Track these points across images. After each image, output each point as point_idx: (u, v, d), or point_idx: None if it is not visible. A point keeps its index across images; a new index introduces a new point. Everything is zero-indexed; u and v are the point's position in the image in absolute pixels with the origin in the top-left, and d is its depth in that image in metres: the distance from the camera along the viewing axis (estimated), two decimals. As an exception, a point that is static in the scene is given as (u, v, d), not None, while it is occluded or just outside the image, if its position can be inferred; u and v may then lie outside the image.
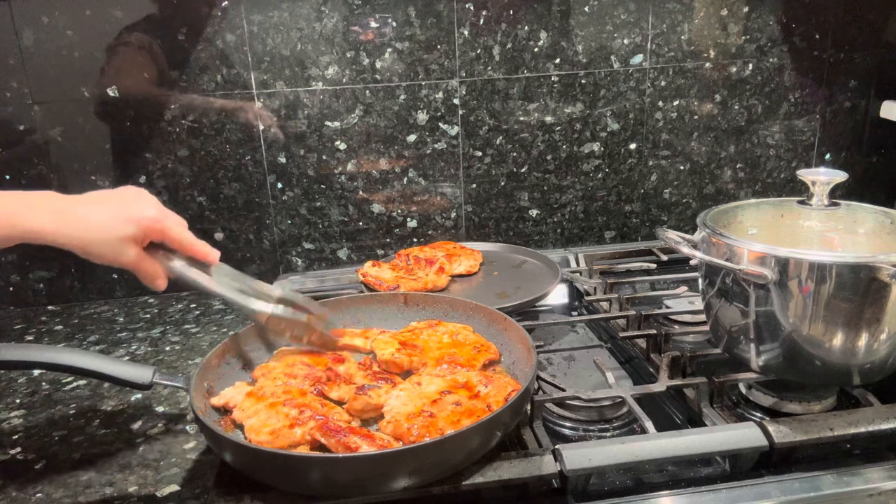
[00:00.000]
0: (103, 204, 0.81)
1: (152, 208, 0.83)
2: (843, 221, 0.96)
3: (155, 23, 1.32)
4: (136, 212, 0.81)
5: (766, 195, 1.61)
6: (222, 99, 1.37)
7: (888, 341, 0.84)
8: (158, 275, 0.84)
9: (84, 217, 0.78)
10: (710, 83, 1.52)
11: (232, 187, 1.43)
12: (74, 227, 0.77)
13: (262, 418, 0.80)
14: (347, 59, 1.39)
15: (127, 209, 0.81)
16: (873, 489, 0.81)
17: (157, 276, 0.84)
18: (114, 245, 0.79)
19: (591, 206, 1.56)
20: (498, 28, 1.41)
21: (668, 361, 0.99)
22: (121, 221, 0.79)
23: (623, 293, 1.28)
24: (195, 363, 1.13)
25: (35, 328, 1.32)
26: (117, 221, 0.79)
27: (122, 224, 0.79)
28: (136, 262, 0.81)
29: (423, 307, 1.08)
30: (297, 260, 1.50)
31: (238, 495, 0.76)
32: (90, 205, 0.80)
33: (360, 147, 1.45)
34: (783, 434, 0.82)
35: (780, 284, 0.84)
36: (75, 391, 1.07)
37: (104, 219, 0.79)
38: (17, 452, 0.91)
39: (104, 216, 0.79)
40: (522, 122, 1.48)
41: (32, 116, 1.33)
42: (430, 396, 0.85)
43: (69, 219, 0.77)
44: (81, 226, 0.78)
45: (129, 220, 0.80)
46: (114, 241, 0.79)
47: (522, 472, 0.77)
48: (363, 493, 0.75)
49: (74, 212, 0.78)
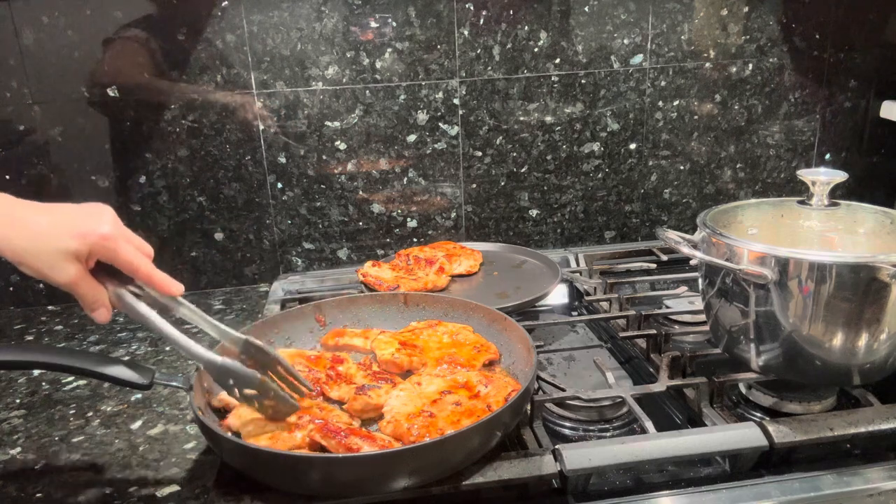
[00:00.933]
0: (54, 214, 0.72)
1: (107, 225, 0.72)
2: (843, 221, 0.96)
3: (155, 23, 1.32)
4: (87, 226, 0.71)
5: (766, 195, 1.61)
6: (222, 99, 1.37)
7: (888, 341, 0.84)
8: (101, 302, 0.74)
9: (25, 223, 0.70)
10: (710, 83, 1.52)
11: (232, 187, 1.43)
12: (12, 231, 0.69)
13: (259, 424, 0.80)
14: (347, 59, 1.39)
15: (77, 222, 0.71)
16: (873, 489, 0.81)
17: (98, 301, 0.74)
18: (51, 257, 0.70)
19: (591, 206, 1.56)
20: (498, 28, 1.41)
21: (668, 361, 0.99)
22: (64, 233, 0.70)
23: (623, 293, 1.28)
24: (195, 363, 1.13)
25: (35, 328, 1.32)
26: (61, 233, 0.70)
27: (66, 237, 0.70)
28: (73, 282, 0.72)
29: (423, 307, 1.08)
30: (297, 260, 1.50)
31: (238, 495, 0.76)
32: (39, 213, 0.71)
33: (360, 147, 1.45)
34: (783, 434, 0.82)
35: (780, 284, 0.84)
36: (75, 391, 1.07)
37: (47, 228, 0.70)
38: (17, 452, 0.91)
39: (48, 225, 0.70)
40: (522, 122, 1.48)
41: (32, 116, 1.33)
42: (430, 396, 0.85)
43: (10, 222, 0.70)
44: (20, 231, 0.69)
45: (75, 234, 0.70)
46: (52, 253, 0.70)
47: (522, 472, 0.77)
48: (363, 493, 0.75)
49: (18, 216, 0.70)
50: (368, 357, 1.00)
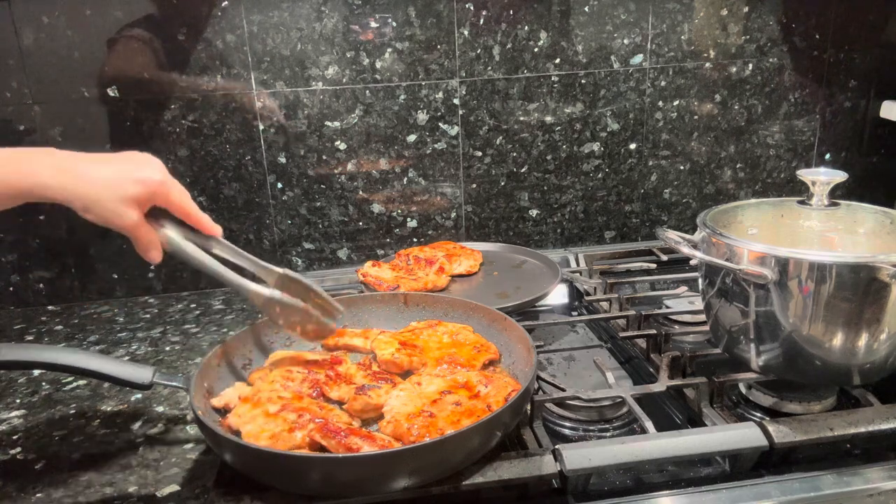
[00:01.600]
0: (109, 163, 0.78)
1: (159, 172, 0.80)
2: (843, 221, 0.96)
3: (155, 23, 1.32)
4: (144, 173, 0.78)
5: (766, 195, 1.61)
6: (222, 99, 1.37)
7: (888, 341, 0.84)
8: (155, 244, 0.81)
9: (87, 173, 0.76)
10: (710, 83, 1.52)
11: (232, 187, 1.43)
12: (77, 182, 0.75)
13: (259, 423, 0.80)
14: (347, 59, 1.39)
15: (134, 170, 0.78)
16: (873, 489, 0.81)
17: (153, 245, 0.81)
18: (116, 204, 0.76)
19: (591, 206, 1.56)
20: (498, 28, 1.41)
21: (668, 361, 0.99)
22: (126, 181, 0.77)
23: (623, 293, 1.28)
24: (195, 363, 1.13)
25: (35, 328, 1.32)
26: (123, 180, 0.77)
27: (128, 183, 0.77)
28: (135, 225, 0.78)
29: (423, 307, 1.08)
30: (297, 260, 1.50)
31: (238, 495, 0.76)
32: (95, 163, 0.78)
33: (360, 147, 1.45)
34: (783, 434, 0.82)
35: (780, 284, 0.84)
36: (75, 391, 1.07)
37: (109, 176, 0.76)
38: (17, 452, 0.91)
39: (109, 174, 0.77)
40: (522, 122, 1.48)
41: (32, 116, 1.33)
42: (430, 396, 0.85)
43: (73, 175, 0.75)
44: (85, 182, 0.75)
45: (136, 180, 0.77)
46: (117, 200, 0.76)
47: (522, 472, 0.77)
48: (363, 493, 0.75)
49: (78, 168, 0.76)
50: (368, 357, 1.00)
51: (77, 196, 0.75)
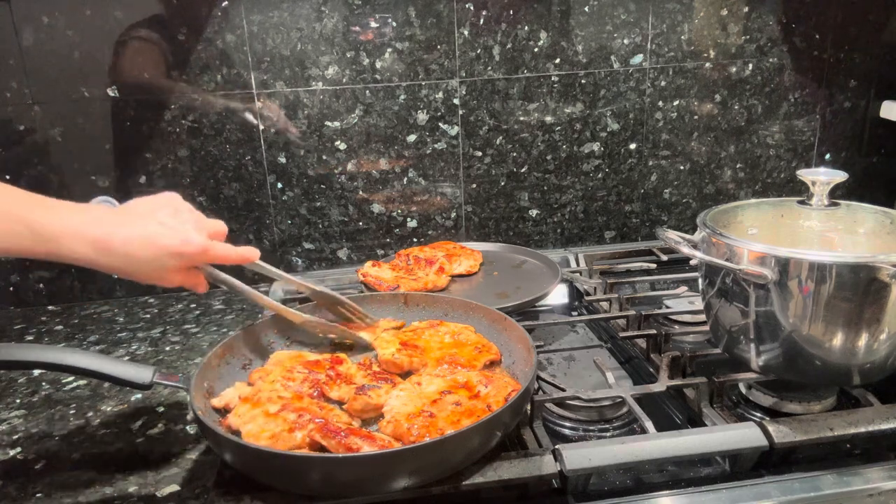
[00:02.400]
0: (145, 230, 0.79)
1: (196, 237, 0.81)
2: (843, 221, 0.96)
3: (155, 23, 1.32)
4: (180, 244, 0.80)
5: (766, 195, 1.61)
6: (222, 99, 1.37)
7: (888, 341, 0.84)
8: (201, 283, 0.87)
9: (124, 248, 0.77)
10: (710, 83, 1.52)
11: (232, 187, 1.43)
12: (115, 258, 0.77)
13: (259, 423, 0.80)
14: (347, 59, 1.39)
15: (170, 240, 0.79)
16: (873, 489, 0.81)
17: (199, 284, 0.87)
18: (158, 273, 0.80)
19: (591, 206, 1.56)
20: (498, 28, 1.41)
21: (668, 361, 0.99)
22: (164, 254, 0.79)
23: (623, 293, 1.28)
24: (195, 363, 1.13)
25: (35, 328, 1.32)
26: (160, 253, 0.79)
27: (166, 257, 0.79)
28: (181, 282, 0.84)
29: (423, 307, 1.08)
30: (297, 260, 1.50)
31: (238, 495, 0.76)
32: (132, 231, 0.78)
33: (360, 147, 1.45)
34: (783, 434, 0.82)
35: (780, 284, 0.84)
36: (75, 391, 1.07)
37: (146, 251, 0.78)
38: (17, 452, 0.91)
39: (146, 249, 0.78)
40: (522, 122, 1.48)
41: (32, 116, 1.33)
42: (430, 396, 0.85)
43: (110, 250, 0.76)
44: (122, 258, 0.77)
45: (173, 253, 0.79)
46: (158, 271, 0.80)
47: (522, 472, 0.77)
48: (363, 493, 0.75)
49: (114, 242, 0.77)
50: (368, 357, 1.00)
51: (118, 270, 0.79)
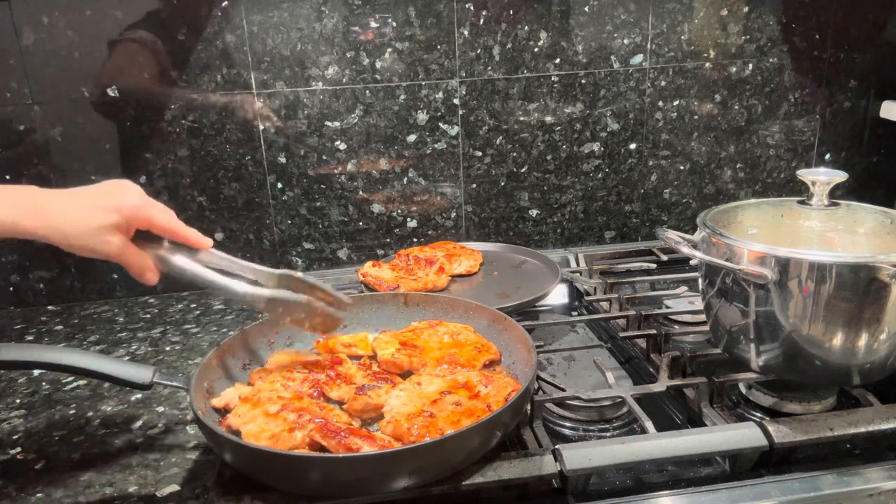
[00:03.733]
0: (81, 196, 0.79)
1: (135, 197, 0.81)
2: (843, 221, 0.96)
3: (155, 23, 1.32)
4: (117, 200, 0.79)
5: (766, 195, 1.61)
6: (222, 99, 1.37)
7: (888, 341, 0.84)
8: (147, 266, 0.82)
9: (60, 209, 0.77)
10: (710, 83, 1.52)
11: (232, 187, 1.43)
12: (50, 221, 0.76)
13: (259, 423, 0.80)
14: (347, 59, 1.39)
15: (106, 198, 0.79)
16: (873, 489, 0.81)
17: (145, 267, 0.82)
18: (95, 235, 0.77)
19: (591, 206, 1.56)
20: (498, 28, 1.41)
21: (668, 361, 0.99)
22: (100, 210, 0.78)
23: (623, 293, 1.28)
24: (195, 363, 1.13)
25: (35, 328, 1.32)
26: (96, 210, 0.78)
27: (102, 213, 0.78)
28: (119, 252, 0.79)
29: (423, 307, 1.08)
30: (297, 260, 1.50)
31: (238, 495, 0.76)
32: (67, 198, 0.79)
33: (360, 147, 1.45)
34: (783, 434, 0.82)
35: (780, 284, 0.84)
36: (75, 391, 1.07)
37: (81, 209, 0.78)
38: (17, 452, 0.91)
39: (81, 207, 0.78)
40: (522, 122, 1.48)
41: (32, 116, 1.33)
42: (430, 396, 0.85)
43: (44, 213, 0.76)
44: (58, 219, 0.76)
45: (109, 208, 0.78)
46: (94, 231, 0.77)
47: (522, 472, 0.77)
48: (363, 493, 0.75)
49: (49, 206, 0.77)
50: (368, 357, 1.00)
51: (53, 233, 0.76)
